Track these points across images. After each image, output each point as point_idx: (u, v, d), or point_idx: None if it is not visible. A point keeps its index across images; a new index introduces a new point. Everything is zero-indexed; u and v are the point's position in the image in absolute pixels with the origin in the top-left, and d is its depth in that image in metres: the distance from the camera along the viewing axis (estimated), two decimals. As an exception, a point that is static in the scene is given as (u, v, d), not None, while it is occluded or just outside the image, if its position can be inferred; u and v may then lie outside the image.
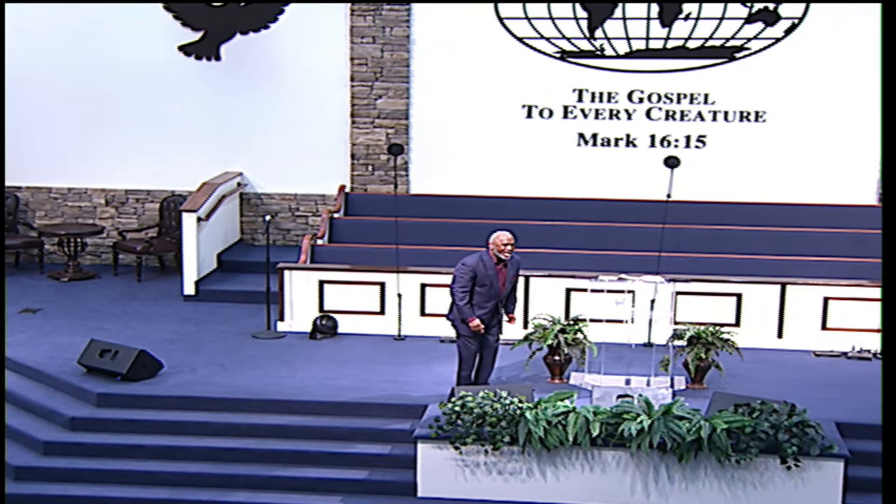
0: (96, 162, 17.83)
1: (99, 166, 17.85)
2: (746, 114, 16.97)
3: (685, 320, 13.86)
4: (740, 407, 11.44)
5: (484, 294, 12.29)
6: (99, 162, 17.83)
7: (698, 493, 11.40)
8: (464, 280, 12.26)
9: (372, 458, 11.97)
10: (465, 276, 12.26)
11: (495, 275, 12.29)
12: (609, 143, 17.18)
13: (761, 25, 16.73)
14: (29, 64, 17.52)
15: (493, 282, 12.26)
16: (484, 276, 12.25)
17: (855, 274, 14.85)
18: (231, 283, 16.51)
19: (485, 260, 12.30)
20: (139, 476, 11.91)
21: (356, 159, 17.51)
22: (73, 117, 17.67)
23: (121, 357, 13.02)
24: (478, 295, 12.30)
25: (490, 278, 12.26)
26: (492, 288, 12.27)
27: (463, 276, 12.27)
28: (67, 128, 17.70)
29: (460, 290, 12.28)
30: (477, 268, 12.27)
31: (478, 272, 12.26)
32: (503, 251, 12.26)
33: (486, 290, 12.28)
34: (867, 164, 16.83)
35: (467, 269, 12.28)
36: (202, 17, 17.51)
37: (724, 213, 16.62)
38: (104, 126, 17.68)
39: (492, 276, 12.27)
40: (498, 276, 12.30)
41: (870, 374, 13.51)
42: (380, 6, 17.11)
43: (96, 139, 17.72)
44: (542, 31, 17.00)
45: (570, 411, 11.47)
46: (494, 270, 12.29)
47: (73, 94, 17.61)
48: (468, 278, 12.24)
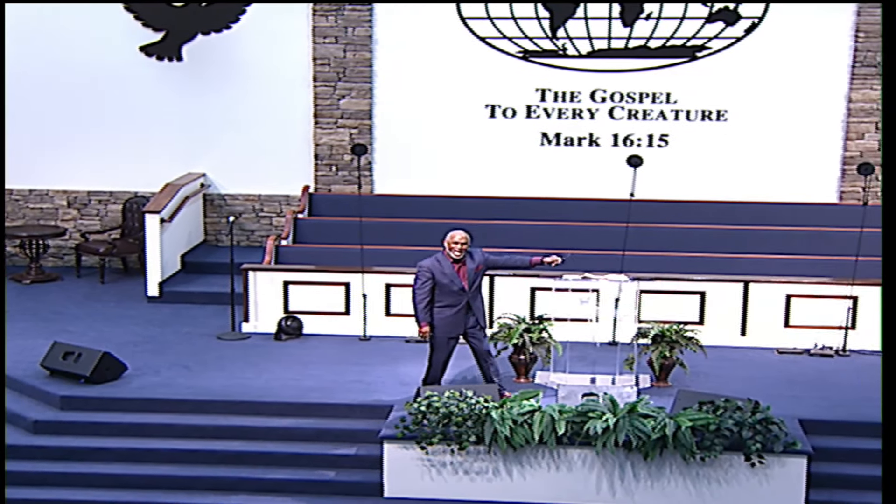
0: (58, 163, 17.73)
1: (60, 168, 17.74)
2: (708, 113, 17.06)
3: (649, 319, 13.93)
4: (704, 404, 11.50)
5: (448, 294, 12.30)
6: (60, 163, 17.72)
7: (663, 490, 11.46)
8: (420, 282, 12.29)
9: (338, 458, 11.96)
10: (421, 277, 12.29)
11: (454, 273, 12.30)
12: (572, 143, 17.24)
13: (722, 25, 16.82)
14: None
15: (454, 280, 12.28)
16: (442, 275, 12.27)
17: (816, 271, 14.94)
18: (195, 284, 16.45)
19: (441, 260, 12.33)
20: (104, 479, 11.85)
21: (320, 160, 17.49)
22: (34, 118, 17.55)
23: (84, 359, 12.96)
24: (443, 296, 12.31)
25: (449, 277, 12.27)
26: (453, 285, 12.29)
27: (419, 279, 12.31)
28: (28, 129, 17.57)
29: (418, 292, 12.30)
30: (433, 268, 12.30)
31: (434, 273, 12.28)
32: (452, 249, 12.28)
33: (449, 290, 12.29)
34: (827, 162, 16.96)
35: (423, 270, 12.31)
36: (163, 17, 17.43)
37: (686, 211, 16.70)
38: (65, 127, 17.57)
39: (450, 274, 12.28)
40: (458, 274, 12.31)
41: (832, 370, 13.63)
42: (342, 6, 17.09)
43: (57, 140, 17.61)
44: (504, 30, 17.03)
45: (535, 410, 11.51)
46: (452, 269, 12.30)
47: (33, 95, 17.49)
48: (424, 279, 12.27)
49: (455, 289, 12.29)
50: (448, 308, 12.32)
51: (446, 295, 12.30)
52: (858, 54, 16.59)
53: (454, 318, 12.35)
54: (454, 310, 12.33)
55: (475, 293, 12.45)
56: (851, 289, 14.23)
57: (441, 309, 12.32)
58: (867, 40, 16.50)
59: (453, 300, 12.31)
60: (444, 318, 12.34)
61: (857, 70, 16.64)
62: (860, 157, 16.66)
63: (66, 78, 17.45)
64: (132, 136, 17.57)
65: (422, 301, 12.29)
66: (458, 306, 12.33)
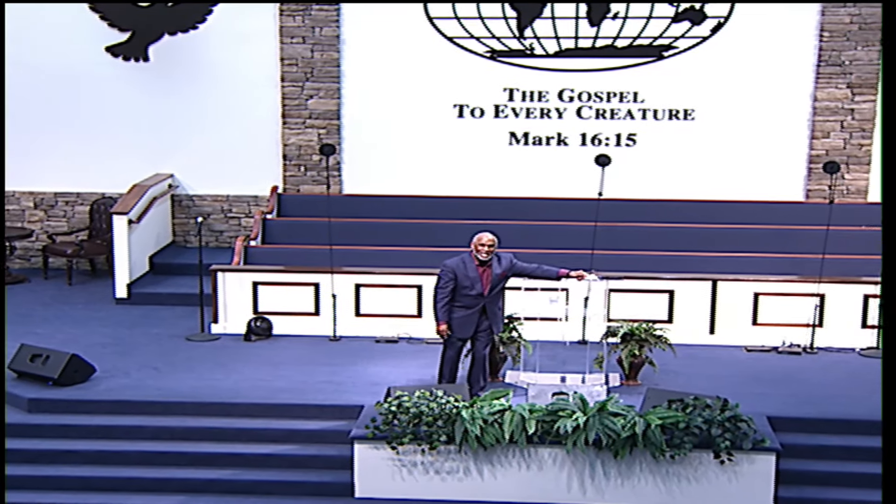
0: (24, 164, 17.62)
1: (27, 169, 17.64)
2: (675, 112, 17.13)
3: (619, 317, 13.99)
4: (674, 403, 11.56)
5: (467, 295, 12.30)
6: (27, 164, 17.62)
7: (634, 488, 11.50)
8: (443, 281, 12.31)
9: (308, 459, 11.95)
10: (444, 277, 12.31)
11: (477, 276, 12.27)
12: (540, 142, 17.28)
13: (688, 24, 16.89)
14: (-46, 66, 17.32)
15: (475, 283, 12.26)
16: (464, 277, 12.26)
17: (784, 269, 15.02)
18: (164, 285, 16.40)
19: (466, 261, 12.32)
20: (73, 482, 11.79)
21: (288, 160, 17.46)
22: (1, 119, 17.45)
23: (52, 362, 12.90)
24: (461, 297, 12.32)
25: (471, 280, 12.25)
26: (474, 289, 12.27)
27: (442, 277, 12.32)
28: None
29: (440, 291, 12.32)
30: (457, 269, 12.30)
31: (458, 274, 12.28)
32: (479, 251, 12.24)
33: (468, 291, 12.28)
34: (794, 160, 17.06)
35: (447, 270, 12.32)
36: (129, 17, 17.36)
37: (655, 210, 16.77)
38: (31, 128, 17.47)
39: (473, 277, 12.26)
40: (480, 278, 12.28)
41: (800, 367, 13.71)
42: (309, 6, 17.07)
43: (24, 141, 17.50)
44: (471, 30, 17.05)
45: (505, 410, 11.53)
46: (476, 272, 12.28)
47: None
48: (447, 279, 12.28)
49: (474, 293, 12.28)
50: (463, 309, 12.33)
51: (464, 297, 12.30)
52: (823, 53, 16.70)
53: (467, 319, 12.35)
54: (469, 311, 12.34)
55: (494, 298, 12.40)
56: (818, 286, 14.32)
57: (456, 309, 12.34)
58: (832, 39, 16.61)
59: (469, 302, 12.31)
60: (457, 319, 12.35)
61: (822, 69, 16.75)
62: (826, 156, 16.77)
63: (32, 79, 17.35)
64: (99, 136, 17.49)
65: (441, 300, 12.31)
66: (473, 308, 12.33)
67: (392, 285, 14.65)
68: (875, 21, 16.49)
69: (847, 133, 16.83)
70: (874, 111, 16.76)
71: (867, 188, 16.97)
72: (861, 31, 16.56)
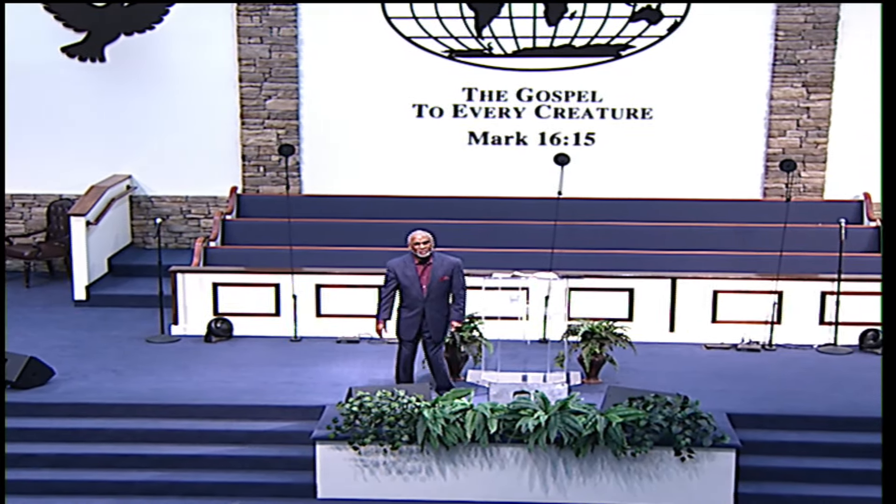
0: (-21, 166, 17.52)
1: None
2: (633, 111, 17.21)
3: (579, 316, 14.04)
4: (634, 400, 11.61)
5: (408, 296, 12.39)
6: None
7: (595, 486, 11.55)
8: (386, 279, 12.46)
9: (270, 460, 11.93)
10: (386, 276, 12.45)
11: (416, 275, 12.35)
12: (499, 142, 17.31)
13: (645, 24, 16.97)
14: None
15: (414, 283, 12.33)
16: (404, 276, 12.35)
17: (742, 267, 15.12)
18: (123, 287, 16.32)
19: (407, 261, 12.41)
20: (33, 486, 11.72)
21: (247, 160, 17.41)
22: (-45, 121, 17.34)
23: (10, 365, 12.80)
24: (404, 297, 12.41)
25: (410, 279, 12.34)
26: (413, 288, 12.33)
27: (385, 277, 12.46)
28: (-51, 132, 17.36)
29: (383, 290, 12.52)
30: (398, 268, 12.40)
31: (398, 272, 12.37)
32: (416, 249, 12.33)
33: (409, 292, 12.37)
34: (751, 159, 17.18)
35: (389, 268, 12.46)
36: (84, 17, 17.26)
37: (614, 209, 16.84)
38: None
39: (411, 276, 12.35)
40: (419, 278, 12.35)
41: (759, 364, 13.81)
42: (266, 6, 17.02)
43: (-21, 143, 17.40)
44: (429, 30, 17.06)
45: (467, 409, 11.54)
46: (415, 271, 12.36)
47: (-46, 98, 17.29)
48: (389, 278, 12.41)
49: (413, 293, 12.36)
50: (405, 310, 12.43)
51: (406, 297, 12.41)
52: (779, 52, 16.83)
53: (410, 321, 12.42)
54: (411, 313, 12.42)
55: (434, 302, 12.42)
56: (776, 284, 14.43)
57: (400, 309, 12.45)
58: (787, 38, 16.74)
59: (410, 303, 12.40)
60: (402, 320, 12.46)
61: (777, 68, 16.87)
62: (783, 154, 16.90)
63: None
64: (56, 137, 17.38)
65: (384, 299, 12.47)
66: (414, 310, 12.41)
67: (352, 285, 14.64)
68: (829, 20, 16.64)
69: (803, 131, 16.97)
70: (829, 109, 16.91)
71: (823, 186, 17.11)
72: (816, 31, 16.70)
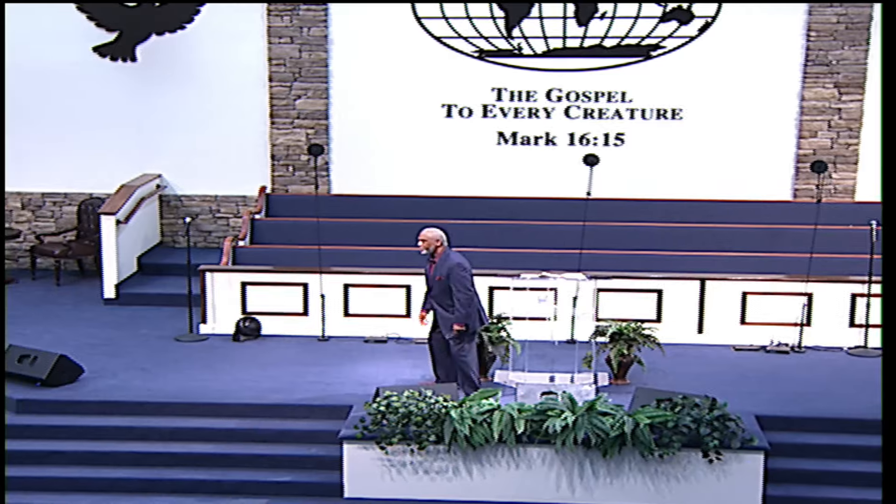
0: (11, 165, 17.57)
1: (14, 169, 17.59)
2: (663, 111, 17.15)
3: (607, 317, 14.01)
4: (662, 402, 11.57)
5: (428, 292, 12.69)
6: (14, 165, 17.57)
7: (622, 487, 11.51)
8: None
9: (298, 459, 11.95)
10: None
11: (427, 273, 12.63)
12: (528, 142, 17.28)
13: (676, 24, 16.91)
14: (-59, 66, 17.28)
15: (427, 280, 12.61)
16: (426, 273, 12.69)
17: (772, 269, 15.05)
18: (152, 286, 16.37)
19: (428, 258, 12.66)
20: (61, 482, 11.78)
21: (276, 160, 17.45)
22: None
23: (40, 362, 12.88)
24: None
25: (426, 276, 12.66)
26: (428, 285, 12.62)
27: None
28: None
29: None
30: (426, 265, 12.72)
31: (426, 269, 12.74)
32: (419, 247, 12.56)
33: (428, 288, 12.68)
34: (782, 160, 17.08)
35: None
36: (116, 17, 17.34)
37: (643, 210, 16.79)
38: (19, 129, 17.43)
39: (426, 273, 12.65)
40: (428, 275, 12.62)
41: (788, 366, 13.74)
42: (297, 6, 17.05)
43: (11, 142, 17.46)
44: (459, 30, 17.05)
45: (494, 409, 11.53)
46: (428, 268, 12.61)
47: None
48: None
49: (428, 289, 12.65)
50: (428, 304, 12.73)
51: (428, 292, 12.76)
52: (810, 53, 16.73)
53: (432, 317, 12.67)
54: (429, 308, 12.69)
55: (437, 300, 12.50)
56: (806, 286, 14.35)
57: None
58: (818, 39, 16.64)
59: (429, 299, 12.67)
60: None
61: (809, 69, 16.78)
62: (813, 155, 16.80)
63: (20, 79, 17.31)
64: (87, 137, 17.46)
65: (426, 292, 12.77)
66: (429, 306, 12.68)
67: (381, 285, 14.65)
68: (862, 21, 16.53)
69: (834, 132, 16.87)
70: (861, 110, 16.80)
71: (854, 187, 17.01)
72: (848, 31, 16.60)
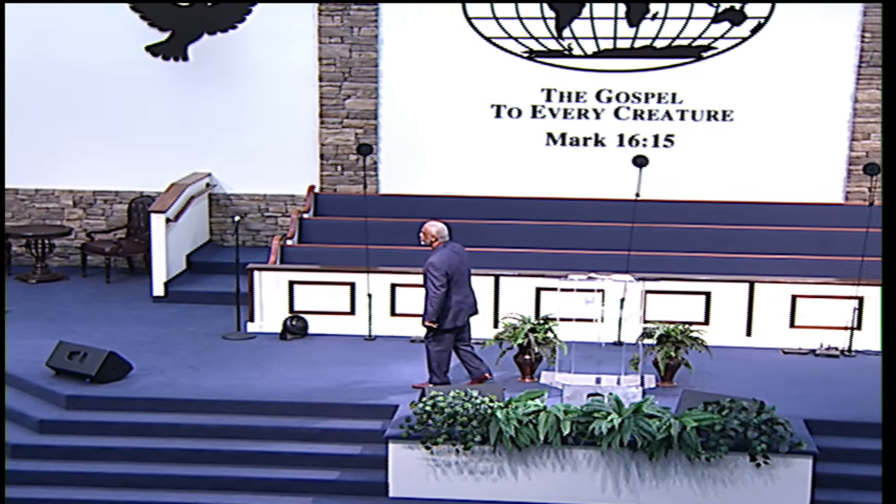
0: (64, 163, 17.75)
1: (66, 167, 17.76)
2: (714, 113, 17.04)
3: (655, 319, 13.94)
4: (710, 405, 11.49)
5: None
6: (66, 163, 17.74)
7: (668, 490, 11.45)
8: None
9: (343, 458, 11.97)
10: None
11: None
12: (578, 143, 17.23)
13: (728, 25, 16.80)
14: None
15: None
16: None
17: (822, 272, 14.92)
18: (200, 284, 16.46)
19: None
20: (109, 479, 11.87)
21: (325, 159, 17.50)
22: (41, 118, 17.57)
23: (90, 359, 12.97)
24: None
25: None
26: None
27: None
28: (34, 129, 17.60)
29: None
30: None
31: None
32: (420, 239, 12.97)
33: None
34: (833, 162, 16.94)
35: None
36: (169, 17, 17.45)
37: (692, 211, 16.69)
38: (72, 127, 17.59)
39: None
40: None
41: (837, 370, 13.62)
42: (348, 6, 17.09)
43: (64, 140, 17.63)
44: (510, 30, 17.03)
45: (540, 410, 11.51)
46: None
47: (40, 96, 17.51)
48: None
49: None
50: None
51: None
52: (864, 54, 16.57)
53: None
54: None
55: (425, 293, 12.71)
56: (857, 289, 14.22)
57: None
58: (873, 40, 16.48)
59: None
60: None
61: (863, 70, 16.62)
62: (866, 158, 16.65)
63: (72, 78, 17.47)
64: (138, 135, 17.59)
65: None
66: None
67: (428, 285, 14.66)
68: (917, 22, 16.35)
69: (888, 135, 16.69)
70: (915, 113, 16.62)
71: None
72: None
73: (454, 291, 12.51)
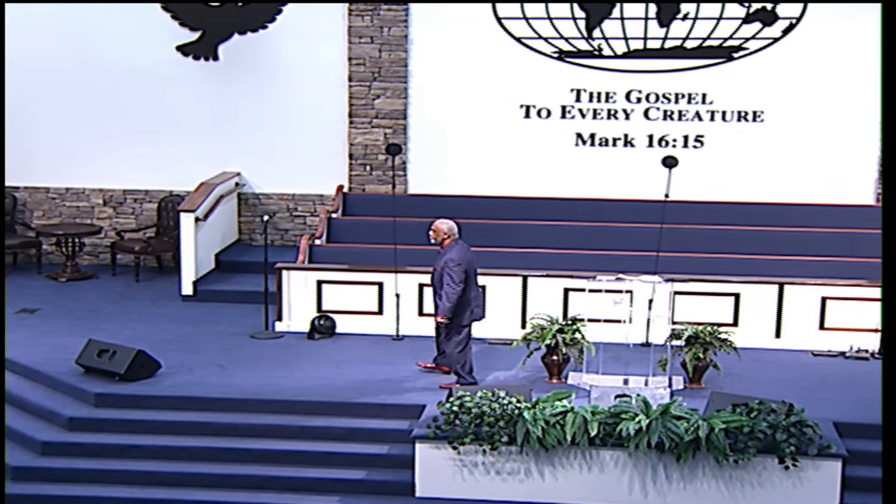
0: (94, 162, 17.83)
1: (96, 166, 17.84)
2: (744, 114, 16.97)
3: (683, 320, 13.87)
4: (738, 407, 11.45)
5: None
6: (96, 162, 17.83)
7: (696, 492, 11.41)
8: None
9: (370, 458, 11.98)
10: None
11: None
12: (607, 143, 17.19)
13: (759, 25, 16.73)
14: (27, 64, 17.51)
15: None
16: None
17: (852, 274, 14.84)
18: (229, 283, 16.50)
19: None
20: (137, 476, 11.92)
21: (354, 159, 17.51)
22: (72, 118, 17.66)
23: (119, 357, 13.03)
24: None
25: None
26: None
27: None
28: (65, 128, 17.69)
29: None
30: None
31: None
32: (430, 237, 13.18)
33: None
34: (865, 163, 16.84)
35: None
36: (200, 17, 17.50)
37: (721, 212, 16.63)
38: (102, 126, 17.67)
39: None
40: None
41: (867, 373, 13.53)
42: (378, 6, 17.10)
43: (94, 139, 17.71)
44: (539, 30, 17.00)
45: (568, 411, 11.48)
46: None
47: (71, 95, 17.61)
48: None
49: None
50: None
51: None
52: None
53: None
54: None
55: (435, 288, 12.91)
56: (888, 291, 14.12)
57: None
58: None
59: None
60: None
61: (895, 71, 16.51)
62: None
63: (102, 77, 17.55)
64: (168, 135, 17.65)
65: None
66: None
67: (456, 285, 14.64)
68: (949, 22, 16.24)
69: (920, 136, 16.57)
70: (948, 114, 16.50)
71: (940, 192, 16.70)
72: (935, 33, 16.30)
73: (469, 287, 12.65)
